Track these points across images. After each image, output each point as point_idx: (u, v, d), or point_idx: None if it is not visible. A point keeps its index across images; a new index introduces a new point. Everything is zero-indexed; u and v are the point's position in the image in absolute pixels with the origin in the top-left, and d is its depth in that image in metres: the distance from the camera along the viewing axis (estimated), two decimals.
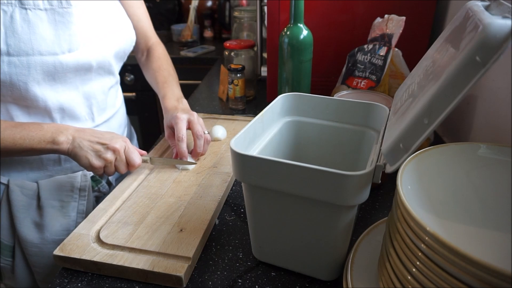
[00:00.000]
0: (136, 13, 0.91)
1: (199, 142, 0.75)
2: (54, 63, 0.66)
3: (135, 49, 0.99)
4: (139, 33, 0.94)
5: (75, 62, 0.69)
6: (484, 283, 0.28)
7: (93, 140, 0.66)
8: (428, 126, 0.37)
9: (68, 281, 0.52)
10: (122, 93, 0.96)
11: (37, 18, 0.64)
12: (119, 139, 0.69)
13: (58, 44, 0.66)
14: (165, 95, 0.84)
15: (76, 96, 0.73)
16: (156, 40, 0.99)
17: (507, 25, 0.31)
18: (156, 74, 0.91)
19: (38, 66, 0.64)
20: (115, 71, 0.82)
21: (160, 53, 0.96)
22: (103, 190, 0.81)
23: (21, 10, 0.63)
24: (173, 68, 0.95)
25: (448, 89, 0.35)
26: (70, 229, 0.72)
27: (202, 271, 0.54)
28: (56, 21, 0.66)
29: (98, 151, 0.66)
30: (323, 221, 0.46)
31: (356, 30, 0.99)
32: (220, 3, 1.99)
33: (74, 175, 0.74)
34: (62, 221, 0.72)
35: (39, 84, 0.66)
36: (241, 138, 0.51)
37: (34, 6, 0.64)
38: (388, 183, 0.73)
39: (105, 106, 0.80)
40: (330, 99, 0.62)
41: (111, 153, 0.67)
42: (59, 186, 0.73)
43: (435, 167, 0.43)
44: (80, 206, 0.74)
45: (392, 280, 0.37)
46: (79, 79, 0.72)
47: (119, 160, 0.68)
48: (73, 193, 0.73)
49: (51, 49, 0.65)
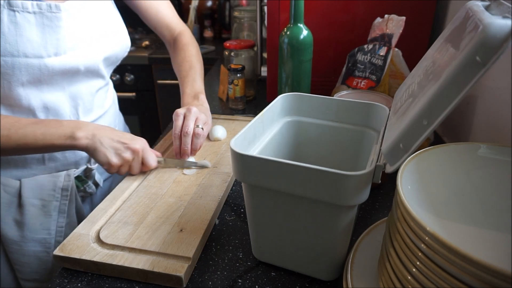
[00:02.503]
0: (153, 6, 0.90)
1: (184, 139, 0.74)
2: (39, 65, 0.66)
3: (164, 42, 0.98)
4: (160, 25, 0.93)
5: (61, 65, 0.69)
6: (484, 283, 0.28)
7: (114, 138, 0.67)
8: (428, 126, 0.37)
9: (68, 281, 0.52)
10: (117, 93, 0.95)
11: (25, 20, 0.64)
12: (139, 140, 0.70)
13: (44, 47, 0.66)
14: (183, 92, 0.84)
15: (62, 96, 0.73)
16: (182, 29, 0.96)
17: (507, 25, 0.31)
18: (179, 68, 0.90)
19: (22, 68, 0.64)
20: (104, 74, 0.81)
21: (184, 43, 0.93)
22: (89, 190, 0.80)
23: (9, 11, 0.63)
24: (197, 56, 0.93)
25: (448, 89, 0.35)
26: (50, 228, 0.72)
27: (202, 271, 0.54)
28: (44, 25, 0.66)
29: (118, 149, 0.67)
30: (323, 221, 0.46)
31: (356, 30, 0.99)
32: (220, 3, 1.99)
33: (58, 174, 0.74)
34: (42, 220, 0.72)
35: (23, 85, 0.67)
36: (241, 138, 0.51)
37: (22, 9, 0.64)
38: (388, 183, 0.73)
39: (91, 107, 0.79)
40: (330, 99, 0.62)
41: (130, 153, 0.68)
42: (41, 185, 0.72)
43: (435, 167, 0.43)
44: (62, 206, 0.73)
45: (392, 280, 0.37)
46: (66, 81, 0.72)
47: (136, 160, 0.69)
48: (55, 192, 0.73)
49: (37, 52, 0.65)
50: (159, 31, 0.96)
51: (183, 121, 0.75)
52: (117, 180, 0.90)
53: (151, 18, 0.93)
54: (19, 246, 0.72)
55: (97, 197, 0.86)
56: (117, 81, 1.90)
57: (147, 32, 2.16)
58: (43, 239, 0.72)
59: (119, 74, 1.89)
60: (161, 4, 0.93)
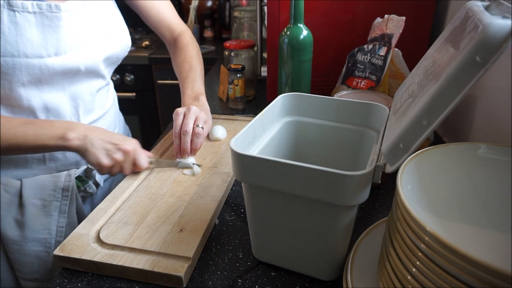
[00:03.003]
0: (154, 6, 0.90)
1: (183, 137, 0.74)
2: (40, 65, 0.66)
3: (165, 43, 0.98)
4: (161, 26, 0.93)
5: (62, 65, 0.69)
6: (484, 283, 0.28)
7: (105, 139, 0.67)
8: (428, 126, 0.37)
9: (68, 281, 0.52)
10: (117, 93, 0.95)
11: (25, 20, 0.64)
12: (130, 141, 0.70)
13: (45, 47, 0.66)
14: (184, 93, 0.85)
15: (62, 97, 0.73)
16: (182, 29, 0.96)
17: (507, 25, 0.31)
18: (179, 69, 0.90)
19: (23, 68, 0.65)
20: (105, 74, 0.81)
21: (185, 44, 0.93)
22: (89, 190, 0.80)
23: (9, 12, 0.63)
24: (198, 57, 0.93)
25: (448, 89, 0.35)
26: (51, 228, 0.72)
27: (202, 271, 0.54)
28: (44, 25, 0.66)
29: (109, 150, 0.67)
30: (323, 221, 0.46)
31: (356, 30, 0.99)
32: (220, 3, 1.99)
33: (58, 174, 0.74)
34: (43, 220, 0.72)
35: (23, 85, 0.67)
36: (241, 138, 0.51)
37: (22, 9, 0.64)
38: (388, 183, 0.73)
39: (92, 107, 0.80)
40: (330, 99, 0.62)
41: (121, 154, 0.68)
42: (42, 185, 0.73)
43: (435, 167, 0.43)
44: (63, 206, 0.73)
45: (392, 280, 0.37)
46: (66, 81, 0.72)
47: (127, 161, 0.69)
48: (55, 192, 0.73)
49: (37, 52, 0.65)
50: (159, 32, 0.95)
51: (183, 120, 0.76)
52: (117, 180, 0.90)
53: (152, 18, 0.93)
54: (20, 246, 0.72)
55: (98, 197, 0.86)
56: (117, 81, 1.90)
57: (147, 32, 2.16)
58: (44, 239, 0.72)
59: (119, 74, 1.89)
60: (162, 5, 0.93)
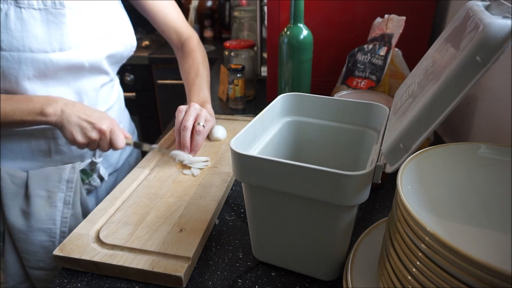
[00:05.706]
0: (161, 9, 0.91)
1: (182, 133, 0.75)
2: (44, 60, 0.68)
3: (172, 47, 0.98)
4: (168, 29, 0.93)
5: (66, 61, 0.70)
6: (484, 283, 0.28)
7: (81, 117, 0.68)
8: (428, 126, 0.37)
9: (68, 281, 0.52)
10: (120, 90, 0.96)
11: (31, 16, 0.66)
12: (107, 120, 0.71)
13: (49, 42, 0.68)
14: (190, 100, 0.85)
15: (67, 91, 0.75)
16: (190, 33, 0.97)
17: (507, 25, 0.31)
18: (186, 76, 0.91)
19: (28, 62, 0.67)
20: (109, 71, 0.82)
21: (192, 49, 0.94)
22: (94, 183, 0.83)
23: (16, 8, 0.65)
24: (204, 63, 0.94)
25: (448, 89, 0.35)
26: (55, 219, 0.74)
27: (202, 271, 0.54)
28: (49, 21, 0.68)
29: (84, 128, 0.68)
30: (323, 221, 0.46)
31: (356, 30, 0.99)
32: (220, 3, 1.99)
33: (63, 167, 0.76)
34: (48, 211, 0.74)
35: (29, 79, 0.69)
36: (241, 138, 0.51)
37: (28, 6, 0.66)
38: (388, 183, 0.73)
39: (96, 102, 0.81)
40: (330, 99, 0.62)
41: (96, 133, 0.69)
42: (47, 177, 0.74)
43: (435, 167, 0.43)
44: (67, 197, 0.75)
45: (392, 280, 0.37)
46: (71, 76, 0.74)
47: (103, 140, 0.70)
48: (60, 184, 0.74)
49: (42, 47, 0.67)
50: (167, 35, 0.96)
51: (184, 116, 0.76)
52: (122, 174, 0.92)
53: (159, 22, 0.94)
54: (26, 235, 0.73)
55: (102, 191, 0.88)
56: None
57: (147, 32, 2.16)
58: (49, 229, 0.74)
59: (119, 74, 1.88)
60: (170, 8, 0.93)
